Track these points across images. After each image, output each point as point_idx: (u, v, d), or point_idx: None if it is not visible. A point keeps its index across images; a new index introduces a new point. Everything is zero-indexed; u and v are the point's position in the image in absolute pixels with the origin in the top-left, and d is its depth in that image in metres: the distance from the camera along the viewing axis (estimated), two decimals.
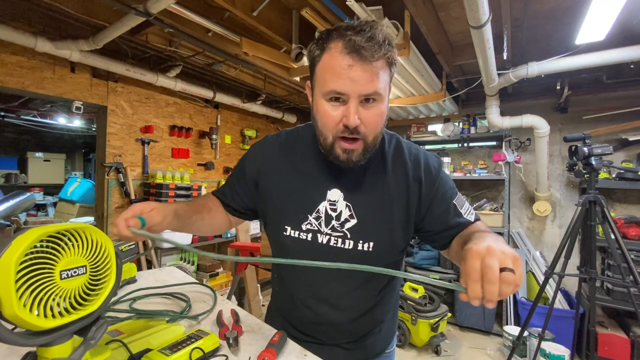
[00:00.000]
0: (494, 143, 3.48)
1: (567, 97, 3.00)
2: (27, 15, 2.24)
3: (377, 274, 0.78)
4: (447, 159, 3.53)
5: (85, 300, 0.48)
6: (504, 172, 3.09)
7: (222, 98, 3.38)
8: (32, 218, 4.72)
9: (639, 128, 2.80)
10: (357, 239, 0.74)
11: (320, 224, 0.76)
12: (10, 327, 0.44)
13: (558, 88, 2.94)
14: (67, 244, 0.46)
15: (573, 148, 2.03)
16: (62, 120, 5.32)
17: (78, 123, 5.50)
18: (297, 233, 0.77)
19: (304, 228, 0.76)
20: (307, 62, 0.74)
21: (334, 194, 0.76)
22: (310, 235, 0.76)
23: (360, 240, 0.74)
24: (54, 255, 0.45)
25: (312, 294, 0.80)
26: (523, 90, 3.27)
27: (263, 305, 2.96)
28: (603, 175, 2.74)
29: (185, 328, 0.77)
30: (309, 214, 0.76)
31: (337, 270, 0.77)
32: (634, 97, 2.85)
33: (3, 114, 4.91)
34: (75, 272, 0.47)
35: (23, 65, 2.32)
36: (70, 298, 0.46)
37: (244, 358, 0.69)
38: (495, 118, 3.03)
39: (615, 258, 1.88)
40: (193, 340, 0.67)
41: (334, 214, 0.75)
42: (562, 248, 2.00)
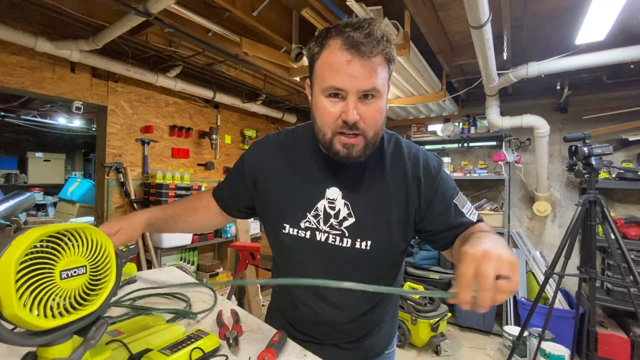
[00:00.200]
0: (494, 143, 3.48)
1: (567, 97, 3.00)
2: (27, 15, 2.24)
3: (376, 274, 0.78)
4: (447, 159, 3.52)
5: (85, 300, 0.48)
6: (504, 172, 3.09)
7: (222, 98, 3.38)
8: (32, 218, 4.72)
9: (639, 128, 2.80)
10: (354, 238, 0.74)
11: (319, 222, 0.76)
12: (10, 327, 0.43)
13: (558, 88, 2.94)
14: (67, 244, 0.46)
15: (573, 148, 2.03)
16: (62, 120, 5.32)
17: (78, 123, 5.50)
18: (295, 231, 0.77)
19: (303, 226, 0.77)
20: (307, 61, 0.74)
21: (333, 192, 0.76)
22: (309, 233, 0.76)
23: (358, 239, 0.74)
24: (54, 255, 0.45)
25: (311, 294, 0.80)
26: (523, 90, 3.27)
27: (263, 305, 2.96)
28: (603, 175, 2.74)
29: (185, 328, 0.77)
30: (308, 212, 0.76)
31: (336, 270, 0.77)
32: (634, 97, 2.85)
33: (3, 114, 4.91)
34: (75, 272, 0.47)
35: (23, 65, 2.33)
36: (70, 298, 0.46)
37: (244, 358, 0.69)
38: (495, 118, 3.02)
39: (615, 258, 1.88)
40: (193, 340, 0.67)
41: (333, 212, 0.75)
42: (562, 248, 2.00)
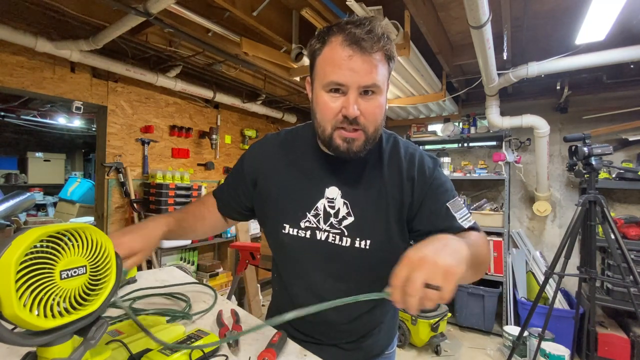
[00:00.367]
0: (494, 143, 3.48)
1: (567, 97, 3.00)
2: (27, 15, 2.24)
3: (376, 274, 0.78)
4: (447, 159, 3.52)
5: (85, 300, 0.48)
6: (504, 172, 3.09)
7: (222, 98, 3.38)
8: (32, 218, 4.72)
9: (639, 128, 2.80)
10: (354, 237, 0.74)
11: (319, 221, 0.76)
12: (10, 327, 0.43)
13: (558, 88, 2.94)
14: (67, 244, 0.46)
15: (573, 148, 2.03)
16: (62, 120, 5.32)
17: (78, 123, 5.50)
18: (295, 231, 0.77)
19: (303, 226, 0.77)
20: (307, 62, 0.74)
21: (332, 192, 0.76)
22: (309, 233, 0.76)
23: (358, 238, 0.74)
24: (54, 255, 0.44)
25: (311, 294, 0.80)
26: (523, 90, 3.27)
27: (263, 305, 2.96)
28: (603, 175, 2.74)
29: (185, 328, 0.77)
30: (308, 212, 0.77)
31: (336, 270, 0.77)
32: (634, 97, 2.85)
33: (3, 114, 4.91)
34: (75, 272, 0.47)
35: (23, 65, 2.33)
36: (70, 298, 0.46)
37: (244, 358, 0.69)
38: (495, 118, 3.02)
39: (615, 258, 1.88)
40: (193, 340, 0.67)
41: (332, 211, 0.75)
42: (562, 248, 2.00)
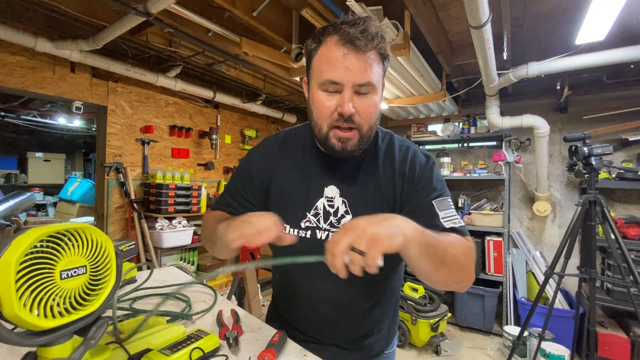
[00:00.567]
0: (494, 143, 3.49)
1: (567, 97, 3.00)
2: (27, 15, 2.24)
3: (376, 276, 0.78)
4: (447, 159, 3.51)
5: (85, 300, 0.48)
6: (504, 172, 3.09)
7: (222, 98, 3.38)
8: (32, 218, 4.71)
9: (639, 128, 2.80)
10: None
11: (319, 220, 0.76)
12: (10, 327, 0.44)
13: (558, 88, 2.94)
14: (67, 244, 0.46)
15: (573, 148, 2.03)
16: (62, 120, 5.32)
17: (78, 123, 5.50)
18: (296, 231, 0.77)
19: (303, 226, 0.77)
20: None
21: (331, 191, 0.77)
22: (310, 232, 0.77)
23: None
24: (54, 255, 0.45)
25: (311, 294, 0.80)
26: (523, 90, 3.27)
27: (263, 305, 2.96)
28: (603, 175, 2.74)
29: (185, 328, 0.77)
30: (308, 212, 0.77)
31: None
32: (634, 97, 2.85)
33: (3, 114, 4.91)
34: (75, 272, 0.47)
35: (23, 65, 2.33)
36: (70, 298, 0.46)
37: (244, 358, 0.69)
38: (495, 118, 3.02)
39: (615, 258, 1.88)
40: (193, 340, 0.67)
41: (332, 210, 0.76)
42: (562, 248, 2.00)
